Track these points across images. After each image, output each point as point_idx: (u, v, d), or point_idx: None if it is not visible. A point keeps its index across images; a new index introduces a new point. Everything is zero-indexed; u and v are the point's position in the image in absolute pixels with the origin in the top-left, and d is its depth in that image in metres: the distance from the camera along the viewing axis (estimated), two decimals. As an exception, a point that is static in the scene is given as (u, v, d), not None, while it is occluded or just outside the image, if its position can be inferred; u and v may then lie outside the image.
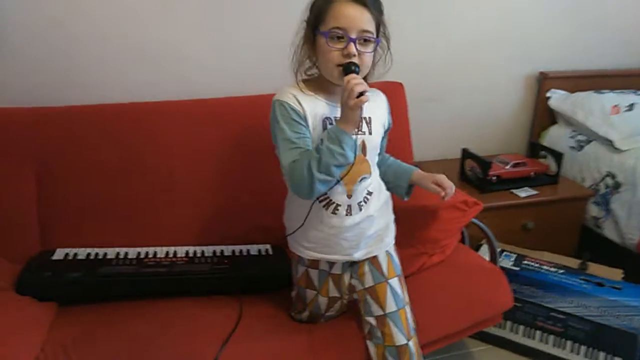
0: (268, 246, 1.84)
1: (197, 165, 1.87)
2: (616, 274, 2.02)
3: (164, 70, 2.05)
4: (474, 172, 2.33)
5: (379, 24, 1.31)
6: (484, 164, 2.24)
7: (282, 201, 1.51)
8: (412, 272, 1.66)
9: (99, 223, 1.78)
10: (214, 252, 1.77)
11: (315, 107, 1.32)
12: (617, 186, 2.27)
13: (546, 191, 2.31)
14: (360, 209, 1.38)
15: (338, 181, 1.32)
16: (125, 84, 2.02)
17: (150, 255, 1.71)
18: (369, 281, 1.42)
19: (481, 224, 1.80)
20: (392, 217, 1.52)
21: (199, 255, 1.74)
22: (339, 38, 1.26)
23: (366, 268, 1.43)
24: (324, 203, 1.36)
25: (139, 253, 1.72)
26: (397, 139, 2.13)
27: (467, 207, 1.70)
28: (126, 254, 1.70)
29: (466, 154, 2.35)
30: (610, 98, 2.47)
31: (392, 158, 1.61)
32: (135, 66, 2.02)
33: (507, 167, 2.30)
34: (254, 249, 1.82)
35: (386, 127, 1.48)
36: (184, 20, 2.02)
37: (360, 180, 1.37)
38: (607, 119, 2.38)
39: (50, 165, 1.73)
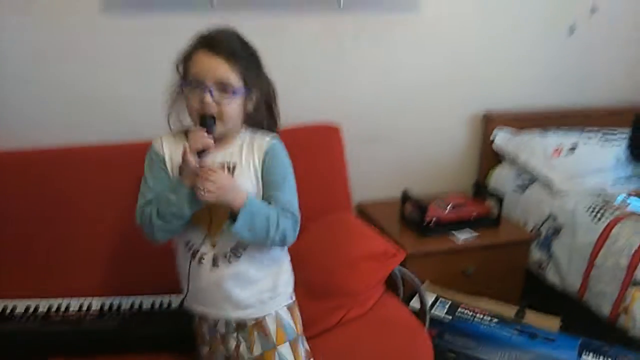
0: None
1: (120, 210, 1.77)
2: (553, 323, 1.95)
3: (97, 110, 2.02)
4: (413, 214, 2.27)
5: (245, 74, 1.27)
6: (421, 207, 2.18)
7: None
8: (327, 327, 1.58)
9: (15, 272, 1.72)
10: (132, 305, 1.69)
11: (177, 153, 1.29)
12: (558, 229, 2.22)
13: (487, 234, 2.25)
14: (230, 261, 1.31)
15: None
16: (56, 125, 1.98)
17: (62, 309, 1.64)
18: (257, 349, 1.34)
19: (406, 273, 1.74)
20: (284, 275, 1.42)
21: (114, 308, 1.66)
22: (197, 87, 1.25)
23: (254, 333, 1.35)
24: (190, 252, 1.32)
25: (49, 307, 1.64)
26: (332, 182, 2.09)
27: (387, 258, 1.64)
28: (36, 307, 1.63)
29: (405, 196, 2.29)
30: (554, 139, 2.45)
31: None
32: (66, 107, 1.99)
33: (446, 209, 2.25)
34: (177, 301, 1.72)
35: (259, 178, 1.33)
36: (117, 60, 2.00)
37: (224, 230, 1.28)
38: (549, 161, 2.35)
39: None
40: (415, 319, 1.65)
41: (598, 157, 2.37)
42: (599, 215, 2.10)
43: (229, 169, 1.30)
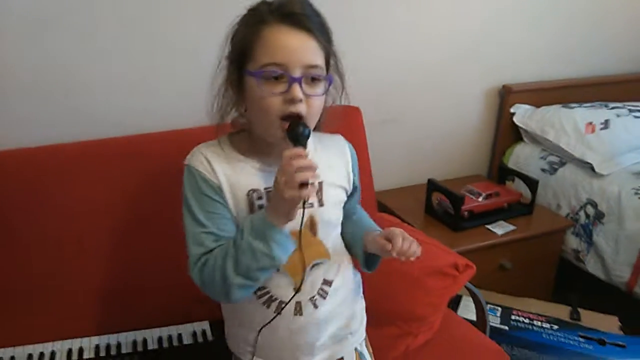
0: (206, 325, 1.43)
1: (110, 224, 1.42)
2: (612, 323, 1.77)
3: (60, 105, 1.59)
4: (442, 206, 2.02)
5: (329, 55, 0.95)
6: (456, 198, 1.92)
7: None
8: (394, 357, 1.31)
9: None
10: (134, 344, 1.35)
11: (238, 175, 0.96)
12: (599, 216, 2.02)
13: (522, 224, 2.03)
14: (316, 306, 1.01)
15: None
16: (9, 123, 1.54)
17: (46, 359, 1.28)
18: None
19: (474, 289, 1.48)
20: (361, 305, 1.16)
21: (113, 353, 1.31)
22: (277, 78, 0.89)
23: None
24: (263, 299, 0.99)
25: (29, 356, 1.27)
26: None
27: (458, 272, 1.37)
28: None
29: (433, 185, 2.03)
30: (582, 114, 2.23)
31: (359, 212, 1.20)
32: (22, 101, 1.54)
33: (480, 199, 2.00)
34: (187, 331, 1.41)
35: (349, 190, 1.08)
36: (84, 44, 1.56)
37: (312, 268, 1.00)
38: (583, 139, 2.13)
39: None
40: (493, 342, 1.40)
41: (635, 132, 2.17)
42: (649, 199, 1.91)
43: (317, 189, 1.00)
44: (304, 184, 0.84)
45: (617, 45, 2.58)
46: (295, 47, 0.88)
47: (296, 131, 0.88)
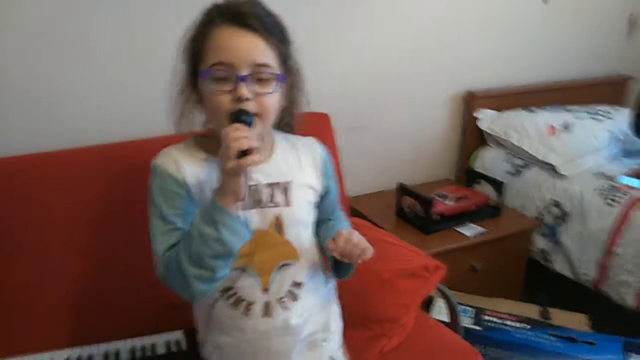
0: (180, 335, 1.40)
1: (78, 234, 1.39)
2: (582, 321, 1.81)
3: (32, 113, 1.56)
4: (412, 209, 2.04)
5: (284, 55, 0.97)
6: (426, 202, 1.95)
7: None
8: (369, 359, 1.32)
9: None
10: (106, 356, 1.32)
11: (204, 173, 0.97)
12: (564, 216, 2.07)
13: (491, 226, 2.06)
14: (285, 308, 1.01)
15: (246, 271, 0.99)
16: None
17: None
18: None
19: (445, 290, 1.50)
20: (336, 310, 1.16)
21: (84, 363, 1.29)
22: (225, 78, 0.91)
23: None
24: (231, 300, 0.99)
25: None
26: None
27: (429, 274, 1.39)
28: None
29: (403, 189, 2.05)
30: (544, 117, 2.29)
31: (338, 218, 1.19)
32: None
33: (450, 202, 2.03)
34: (161, 342, 1.38)
35: (319, 191, 1.09)
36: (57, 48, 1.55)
37: (280, 268, 1.01)
38: (545, 141, 2.19)
39: None
40: (466, 342, 1.42)
41: (594, 134, 2.24)
42: (610, 198, 1.96)
43: (281, 188, 0.99)
44: (243, 154, 0.84)
45: (575, 50, 2.66)
46: (242, 47, 0.90)
47: (236, 116, 0.89)
